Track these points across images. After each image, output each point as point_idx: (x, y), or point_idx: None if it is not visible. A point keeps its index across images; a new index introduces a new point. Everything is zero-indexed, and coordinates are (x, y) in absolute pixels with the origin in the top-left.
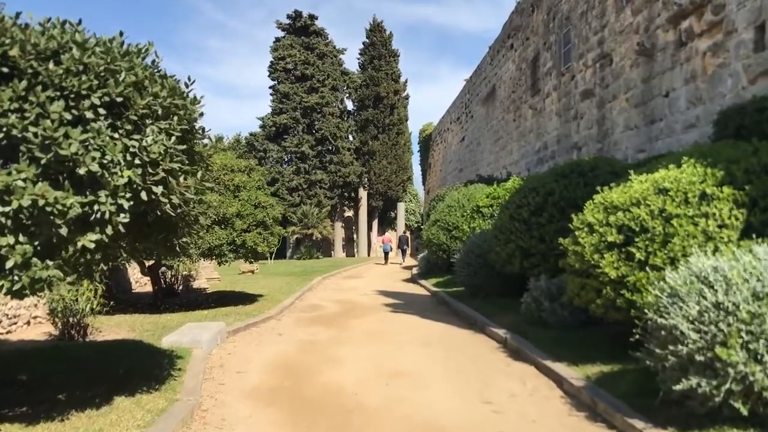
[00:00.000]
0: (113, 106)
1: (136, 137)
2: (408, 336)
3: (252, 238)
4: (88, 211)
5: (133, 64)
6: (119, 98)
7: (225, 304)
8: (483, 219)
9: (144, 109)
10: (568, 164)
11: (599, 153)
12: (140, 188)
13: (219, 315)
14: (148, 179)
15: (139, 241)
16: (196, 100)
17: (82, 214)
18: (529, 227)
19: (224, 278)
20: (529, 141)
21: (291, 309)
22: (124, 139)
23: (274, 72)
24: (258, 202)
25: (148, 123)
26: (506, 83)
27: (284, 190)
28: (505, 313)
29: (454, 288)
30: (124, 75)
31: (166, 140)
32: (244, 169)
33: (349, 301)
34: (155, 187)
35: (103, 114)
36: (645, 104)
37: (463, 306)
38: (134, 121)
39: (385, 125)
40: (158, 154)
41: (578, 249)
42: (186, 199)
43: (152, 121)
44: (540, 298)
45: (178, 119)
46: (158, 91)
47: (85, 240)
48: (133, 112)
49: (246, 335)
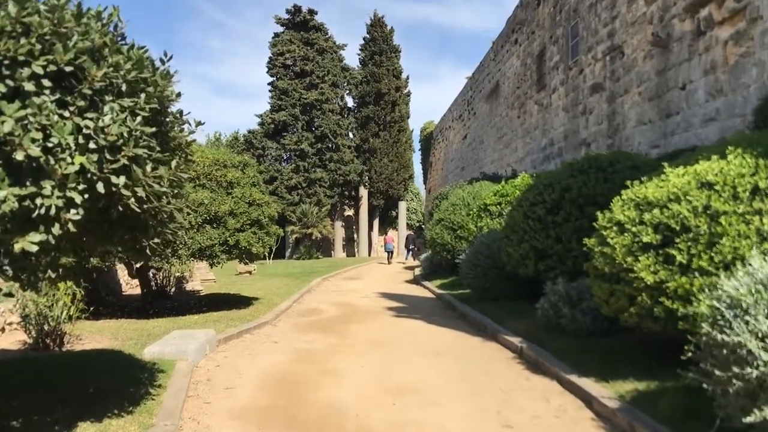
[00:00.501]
0: (62, 78)
1: (90, 116)
2: (414, 344)
3: (246, 237)
4: (29, 206)
5: (88, 29)
6: (69, 68)
7: (218, 307)
8: (491, 218)
9: (101, 81)
10: (585, 159)
11: (609, 149)
12: (96, 178)
13: (210, 320)
14: (106, 167)
15: (100, 243)
16: (169, 74)
17: (21, 210)
18: (544, 226)
19: (220, 280)
20: (535, 138)
21: (288, 313)
22: (76, 117)
23: (272, 68)
24: (252, 200)
25: (108, 100)
26: (510, 79)
27: (283, 188)
28: (517, 318)
29: (459, 290)
30: (76, 40)
31: (130, 121)
32: (238, 165)
33: (349, 304)
34: (115, 177)
35: (49, 87)
36: (659, 98)
37: (471, 310)
38: (89, 96)
39: (386, 122)
40: (119, 137)
41: (607, 251)
42: (156, 193)
43: (113, 98)
44: (558, 304)
45: (147, 97)
46: (120, 62)
47: (24, 242)
48: (88, 85)
49: (238, 343)
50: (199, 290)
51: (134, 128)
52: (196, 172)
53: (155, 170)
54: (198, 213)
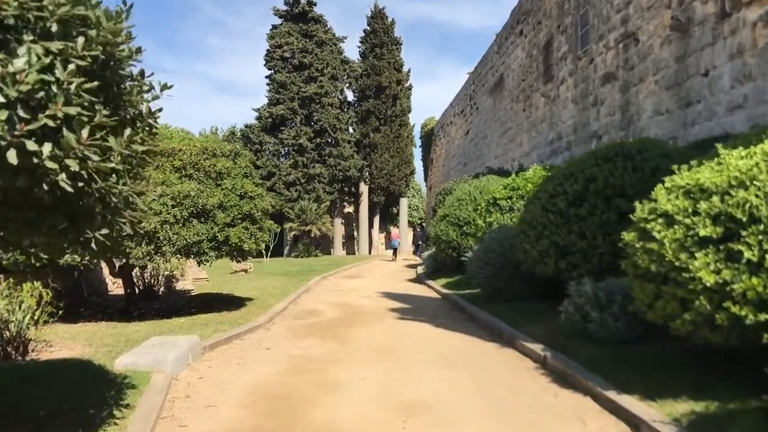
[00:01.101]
0: None
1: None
2: (422, 351)
3: (237, 233)
4: None
5: None
6: None
7: (209, 309)
8: (501, 213)
9: (16, 13)
10: (610, 146)
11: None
12: (5, 144)
13: (198, 324)
14: (20, 129)
15: (27, 233)
16: (119, 14)
17: None
18: (566, 220)
19: (213, 278)
20: (541, 131)
21: (284, 315)
22: None
23: (270, 60)
24: (244, 192)
25: (26, 40)
26: (515, 71)
27: (281, 184)
28: (535, 321)
29: (467, 290)
30: None
31: (59, 70)
32: (229, 154)
33: (350, 305)
34: (34, 144)
35: None
36: (679, 86)
37: (481, 312)
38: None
39: (387, 116)
40: (39, 89)
41: (653, 246)
42: (100, 169)
43: (34, 37)
44: (585, 307)
45: (86, 42)
46: None
47: None
48: None
49: (226, 351)
50: (190, 290)
51: (65, 79)
52: (182, 161)
53: (100, 139)
54: (183, 206)
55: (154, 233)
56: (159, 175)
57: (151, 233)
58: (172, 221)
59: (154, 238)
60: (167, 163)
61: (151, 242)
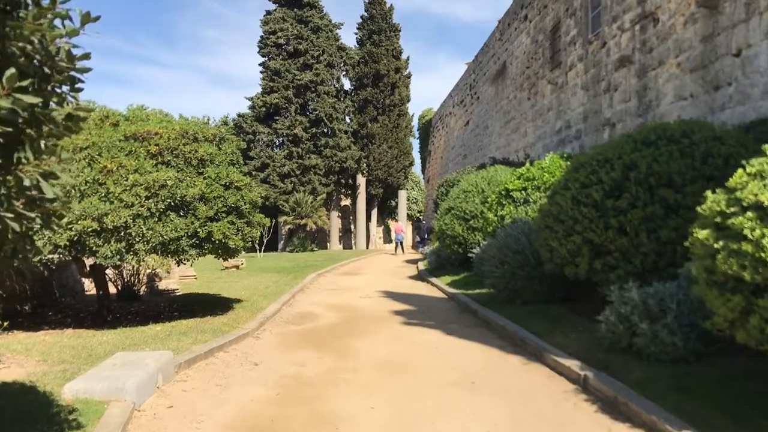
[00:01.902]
0: None
1: None
2: (437, 367)
3: (221, 228)
4: None
5: None
6: None
7: (192, 312)
8: (514, 205)
9: None
10: (650, 128)
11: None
12: None
13: (176, 333)
14: None
15: None
16: None
17: None
18: (602, 214)
19: (202, 276)
20: (548, 120)
21: (275, 320)
22: None
23: (264, 47)
24: (230, 182)
25: None
26: (519, 59)
27: (275, 176)
28: (565, 331)
29: (475, 289)
30: None
31: None
32: (213, 138)
33: (349, 306)
34: None
35: None
36: (705, 68)
37: (498, 317)
38: None
39: (386, 106)
40: None
41: (747, 248)
42: None
43: None
44: (631, 317)
45: None
46: None
47: None
48: None
49: (206, 368)
50: (175, 289)
51: None
52: (158, 146)
53: None
54: (159, 197)
55: (124, 228)
56: (132, 162)
57: (122, 228)
58: (145, 215)
59: (125, 234)
60: (141, 149)
61: (122, 239)
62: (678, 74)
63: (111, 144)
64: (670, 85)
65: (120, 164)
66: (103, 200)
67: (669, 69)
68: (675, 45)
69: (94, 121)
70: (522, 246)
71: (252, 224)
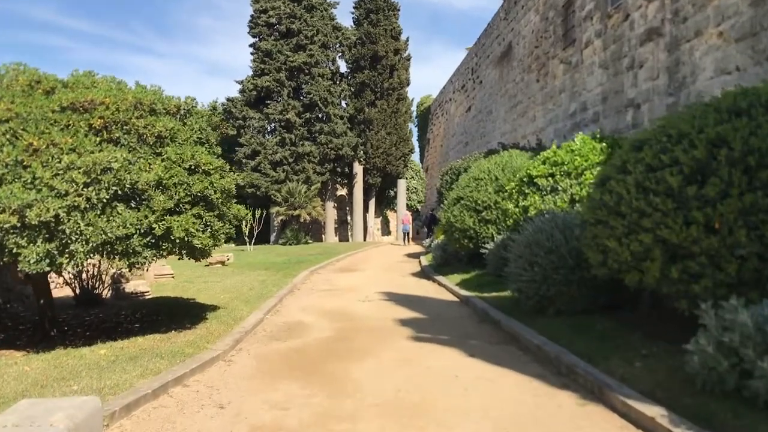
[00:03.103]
0: None
1: None
2: (463, 413)
3: (183, 223)
4: None
5: None
6: None
7: (155, 326)
8: (539, 194)
9: None
10: (739, 94)
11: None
12: None
13: (123, 357)
14: None
15: None
16: None
17: None
18: (681, 205)
19: (181, 274)
20: (560, 103)
21: (256, 334)
22: None
23: (255, 27)
24: (196, 165)
25: None
26: (527, 38)
27: (267, 164)
28: (620, 353)
29: (491, 292)
30: None
31: None
32: (176, 111)
33: (345, 313)
34: None
35: None
36: (755, 36)
37: (529, 332)
38: None
39: (384, 89)
40: None
41: None
42: None
43: None
44: (742, 349)
45: None
46: None
47: None
48: None
49: (152, 415)
50: (145, 292)
51: None
52: (103, 119)
53: None
54: (102, 184)
55: (56, 224)
56: (67, 139)
57: (52, 224)
58: (84, 207)
59: (56, 231)
60: (81, 122)
61: (53, 238)
62: (720, 45)
63: (41, 116)
64: (710, 58)
65: (51, 142)
66: (28, 188)
67: (708, 40)
68: (716, 12)
69: (21, 87)
70: (556, 243)
71: (224, 218)
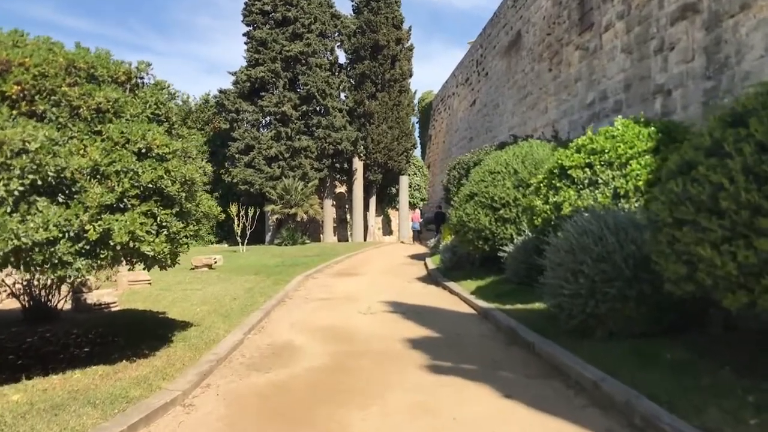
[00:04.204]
0: None
1: None
2: None
3: (127, 224)
4: None
5: None
6: None
7: (105, 351)
8: (575, 188)
9: None
10: None
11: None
12: None
13: (44, 405)
14: None
15: None
16: None
17: None
18: None
19: (161, 280)
20: (575, 92)
21: (231, 363)
22: None
23: (248, 15)
24: (147, 147)
25: None
26: (537, 25)
27: (261, 159)
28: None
29: (516, 303)
30: None
31: None
32: (125, 80)
33: (344, 332)
34: None
35: None
36: None
37: (577, 362)
38: None
39: (385, 81)
40: None
41: None
42: None
43: None
44: None
45: None
46: None
47: None
48: None
49: None
50: (110, 303)
51: None
52: (20, 86)
53: None
54: (14, 171)
55: None
56: None
57: None
58: None
59: None
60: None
61: None
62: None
63: None
64: (759, 34)
65: None
66: None
67: (757, 13)
68: None
69: None
70: (608, 249)
71: (188, 216)
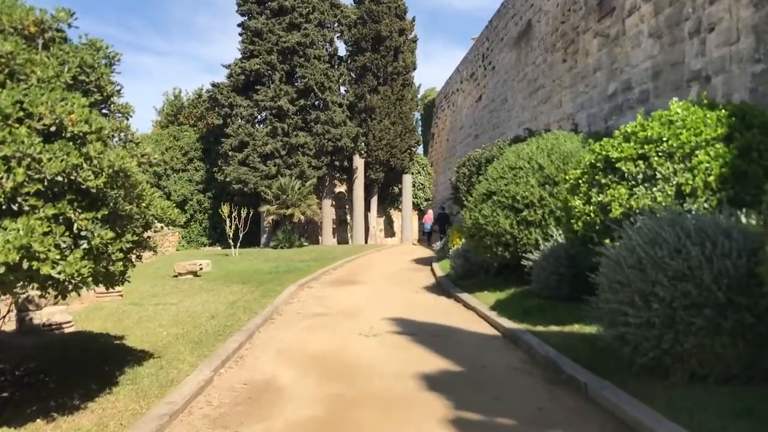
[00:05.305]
0: None
1: None
2: None
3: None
4: None
5: None
6: None
7: (27, 398)
8: (626, 185)
9: None
10: None
11: (761, 78)
12: None
13: None
14: None
15: None
16: None
17: None
18: None
19: (136, 289)
20: (593, 83)
21: (191, 415)
22: None
23: (243, 4)
24: (58, 124)
25: None
26: (550, 13)
27: (256, 157)
28: None
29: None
30: None
31: None
32: (35, 33)
33: (341, 364)
34: None
35: None
36: None
37: (656, 419)
38: None
39: (388, 74)
40: None
41: None
42: None
43: None
44: None
45: None
46: None
47: None
48: None
49: None
50: (64, 323)
51: None
52: None
53: None
54: None
55: None
56: None
57: None
58: None
59: None
60: None
61: None
62: None
63: None
64: None
65: None
66: None
67: None
68: None
69: None
70: (690, 264)
71: (127, 222)
